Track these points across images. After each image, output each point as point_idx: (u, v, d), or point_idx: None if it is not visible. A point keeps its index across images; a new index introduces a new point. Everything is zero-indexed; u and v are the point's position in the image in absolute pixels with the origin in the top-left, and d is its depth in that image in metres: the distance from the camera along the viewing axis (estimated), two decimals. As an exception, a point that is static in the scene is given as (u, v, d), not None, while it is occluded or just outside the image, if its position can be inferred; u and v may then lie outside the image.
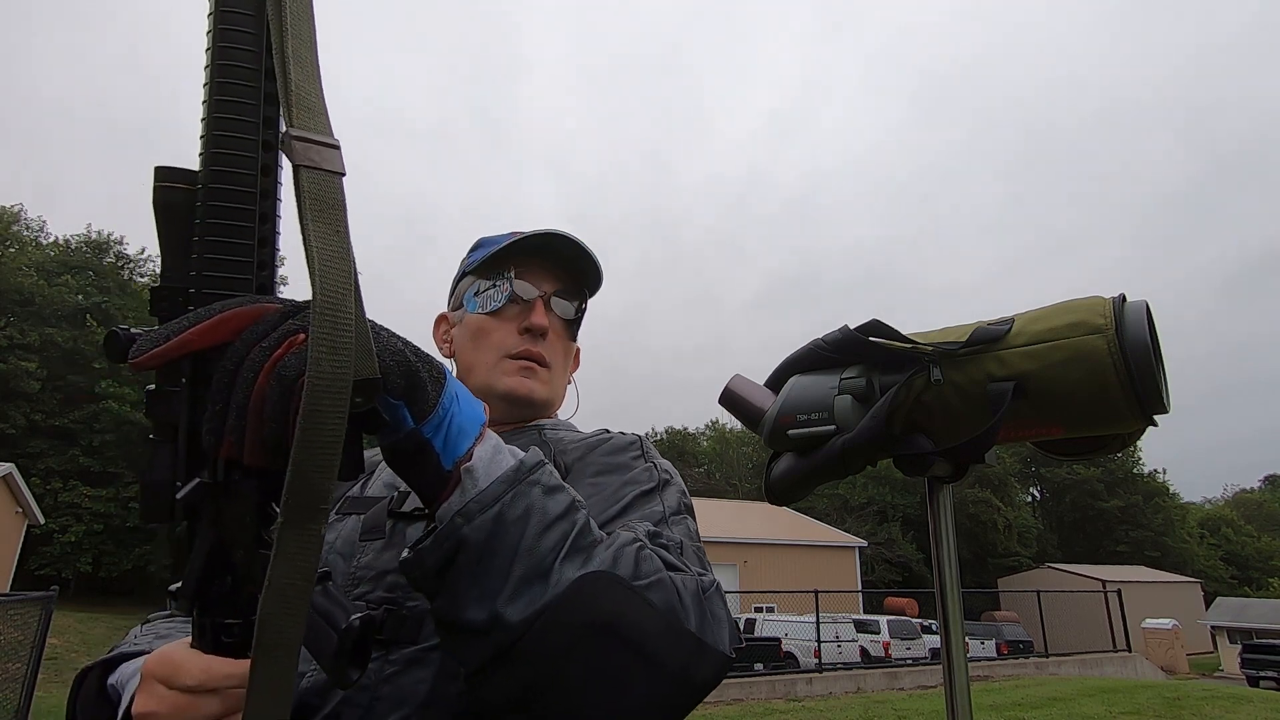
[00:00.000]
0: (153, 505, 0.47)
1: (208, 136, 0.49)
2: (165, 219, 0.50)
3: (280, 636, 0.41)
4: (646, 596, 0.56)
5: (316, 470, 0.41)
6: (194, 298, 0.49)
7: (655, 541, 0.66)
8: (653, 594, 0.56)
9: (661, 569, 0.59)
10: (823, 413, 0.82)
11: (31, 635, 6.95)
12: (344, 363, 0.41)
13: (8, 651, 6.82)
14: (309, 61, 0.46)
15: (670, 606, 0.57)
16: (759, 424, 0.88)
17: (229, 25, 0.49)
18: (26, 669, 6.88)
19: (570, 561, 0.53)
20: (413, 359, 0.49)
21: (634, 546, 0.59)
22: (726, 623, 0.62)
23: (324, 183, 0.44)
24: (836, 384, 0.83)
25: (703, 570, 0.66)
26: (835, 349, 0.85)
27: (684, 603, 0.58)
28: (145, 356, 0.44)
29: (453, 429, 0.52)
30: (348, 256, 0.43)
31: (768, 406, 0.87)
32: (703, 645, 0.58)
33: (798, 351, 0.89)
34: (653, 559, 0.60)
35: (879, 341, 0.81)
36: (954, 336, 0.78)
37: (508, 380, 0.93)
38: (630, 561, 0.57)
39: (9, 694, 6.80)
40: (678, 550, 0.68)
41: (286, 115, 0.44)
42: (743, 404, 0.90)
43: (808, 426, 0.83)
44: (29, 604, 7.21)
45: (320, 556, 0.43)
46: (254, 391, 0.43)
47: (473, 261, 0.99)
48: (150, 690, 0.51)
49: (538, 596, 0.51)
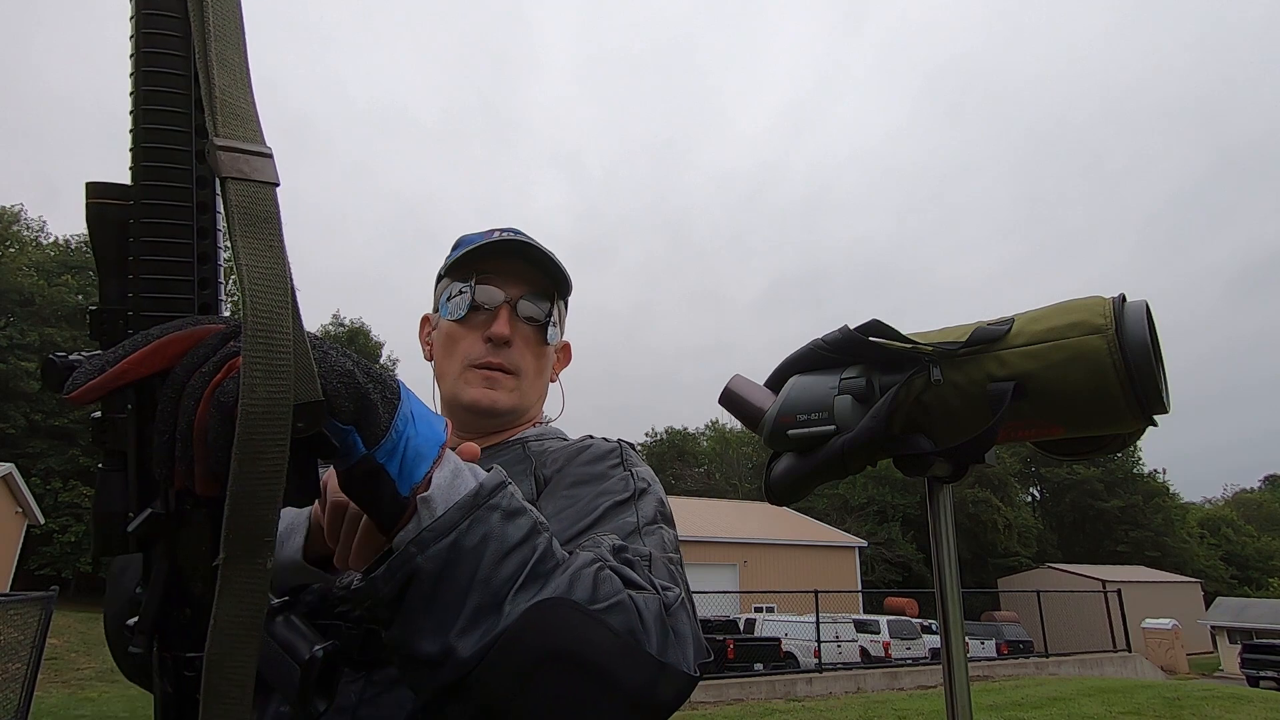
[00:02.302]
0: (106, 537, 0.45)
1: (136, 149, 0.46)
2: (99, 237, 0.47)
3: (231, 678, 0.39)
4: (604, 620, 0.54)
5: (257, 502, 0.39)
6: (133, 320, 0.46)
7: (620, 556, 0.64)
8: (611, 617, 0.55)
9: (621, 590, 0.57)
10: (823, 413, 0.82)
11: (31, 635, 6.95)
12: (281, 386, 0.39)
13: (8, 651, 6.82)
14: (236, 64, 0.43)
15: (629, 629, 0.55)
16: (759, 424, 0.88)
17: (153, 29, 0.46)
18: (26, 669, 6.88)
19: (526, 589, 0.52)
20: (361, 379, 0.47)
21: (592, 569, 0.57)
22: (691, 639, 0.61)
23: (254, 194, 0.41)
24: (836, 384, 0.83)
25: (668, 585, 0.64)
26: (835, 349, 0.85)
27: (645, 623, 0.57)
28: (80, 391, 0.42)
29: (409, 453, 0.50)
30: (283, 272, 0.41)
31: (768, 406, 0.87)
32: (664, 667, 0.56)
33: (797, 351, 0.89)
34: (612, 580, 0.58)
35: (879, 341, 0.81)
36: (954, 336, 0.78)
37: (470, 391, 0.91)
38: (588, 584, 0.55)
39: (9, 694, 6.80)
40: (645, 565, 0.66)
41: (211, 123, 0.42)
42: (743, 404, 0.90)
43: (808, 426, 0.83)
44: (29, 604, 7.21)
45: (268, 590, 0.41)
46: (195, 421, 0.41)
47: (448, 262, 0.97)
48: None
49: (491, 628, 0.50)
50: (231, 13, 0.44)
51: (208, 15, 0.43)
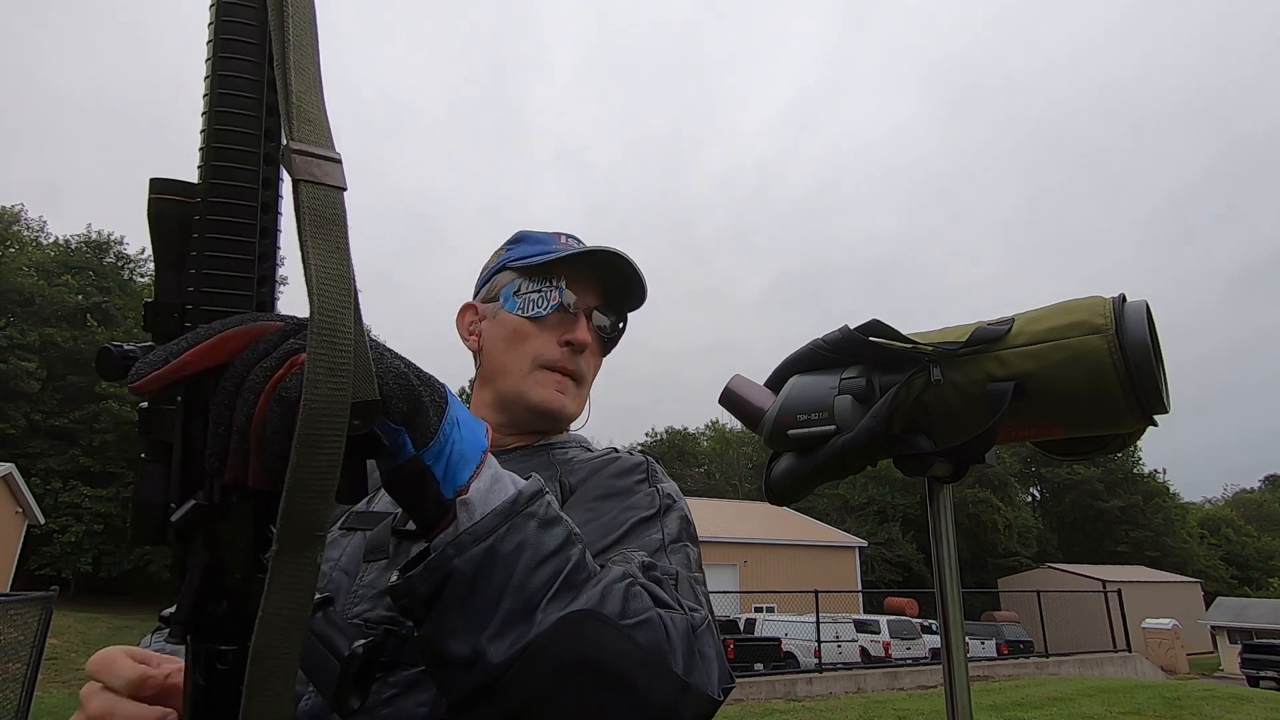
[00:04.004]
0: (144, 526, 0.46)
1: (208, 148, 0.48)
2: (160, 232, 0.48)
3: (275, 669, 0.40)
4: (633, 636, 0.55)
5: (312, 496, 0.39)
6: (190, 314, 0.47)
7: (649, 574, 0.65)
8: (639, 633, 0.55)
9: (650, 607, 0.58)
10: (823, 413, 0.82)
11: (31, 635, 6.96)
12: (341, 384, 0.40)
13: (8, 651, 6.83)
14: (311, 72, 0.45)
15: (656, 646, 0.56)
16: (759, 424, 0.88)
17: (231, 35, 0.48)
18: (26, 669, 6.89)
19: (559, 599, 0.53)
20: (414, 381, 0.48)
21: (623, 584, 0.58)
22: (716, 662, 0.61)
23: (325, 197, 0.43)
24: (836, 384, 0.83)
25: (695, 606, 0.65)
26: (835, 349, 0.85)
27: (671, 642, 0.57)
28: (144, 380, 0.43)
29: (454, 456, 0.51)
30: (348, 274, 0.42)
31: (768, 406, 0.87)
32: (688, 687, 0.57)
33: (797, 351, 0.89)
34: (642, 596, 0.59)
35: (879, 341, 0.81)
36: (954, 336, 0.78)
37: (541, 392, 0.91)
38: (619, 599, 0.56)
39: (9, 694, 6.81)
40: (672, 583, 0.67)
41: (287, 128, 0.43)
42: (743, 404, 0.90)
43: (808, 426, 0.83)
44: (29, 604, 7.21)
45: (316, 584, 0.41)
46: (254, 414, 0.42)
47: (516, 258, 0.96)
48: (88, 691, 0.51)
49: (522, 635, 0.51)
50: (309, 23, 0.46)
51: (288, 25, 0.45)
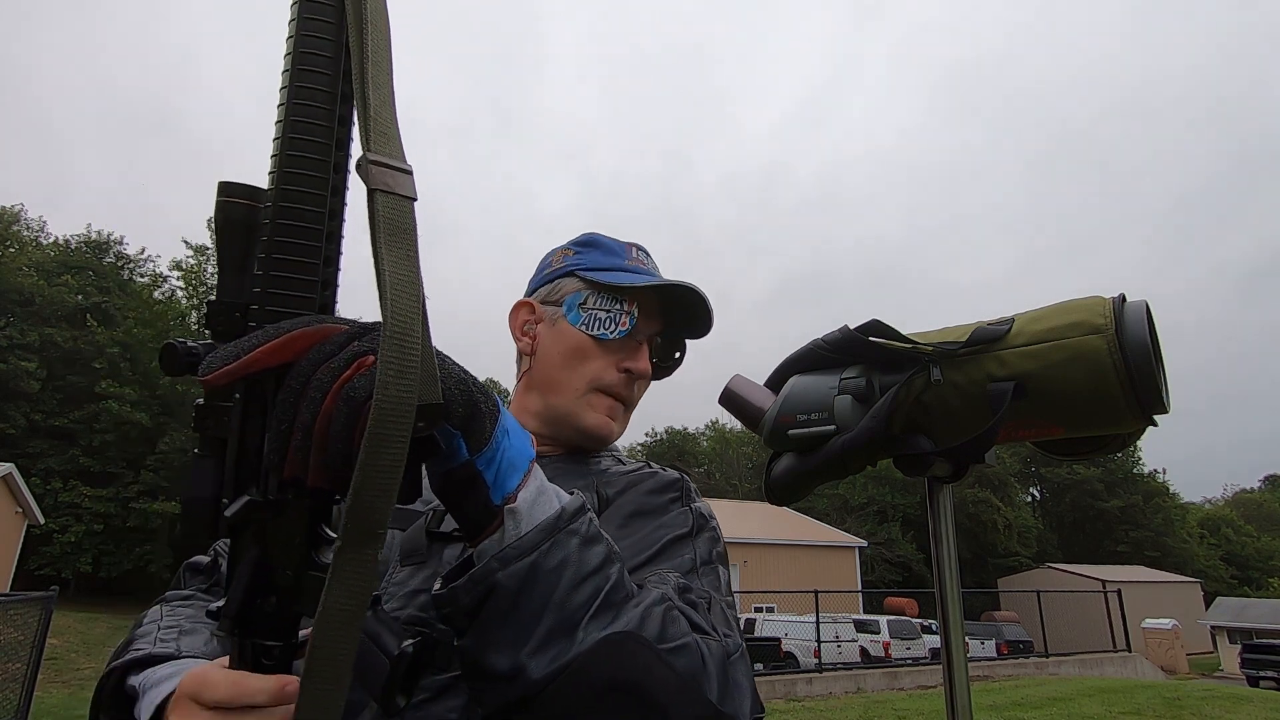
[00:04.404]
0: (195, 521, 0.47)
1: (281, 156, 0.49)
2: (226, 234, 0.50)
3: (332, 663, 0.41)
4: (670, 661, 0.56)
5: (377, 494, 0.41)
6: (253, 314, 0.49)
7: (685, 596, 0.66)
8: (677, 659, 0.56)
9: (688, 632, 0.59)
10: (823, 413, 0.82)
11: (31, 635, 6.96)
12: (410, 386, 0.41)
13: (8, 651, 6.83)
14: (386, 88, 0.47)
15: (693, 673, 0.57)
16: (759, 424, 0.88)
17: (308, 49, 0.50)
18: (26, 669, 6.89)
19: (599, 619, 0.54)
20: (474, 389, 0.50)
21: (662, 607, 0.59)
22: (748, 690, 0.62)
23: (398, 207, 0.45)
24: (836, 384, 0.83)
25: (729, 632, 0.66)
26: (835, 349, 0.85)
27: (707, 669, 0.58)
28: (217, 374, 0.44)
29: (503, 464, 0.52)
30: (417, 282, 0.44)
31: (768, 406, 0.87)
32: (720, 715, 0.58)
33: (797, 351, 0.89)
34: (680, 621, 0.60)
35: (879, 341, 0.81)
36: (954, 336, 0.78)
37: (595, 417, 0.90)
38: (658, 623, 0.57)
39: (9, 694, 6.81)
40: (705, 607, 0.68)
41: (364, 140, 0.45)
42: (743, 404, 0.90)
43: (808, 426, 0.83)
44: (29, 604, 7.21)
45: (375, 582, 0.42)
46: (320, 412, 0.44)
47: (587, 267, 0.94)
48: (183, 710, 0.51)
49: (563, 652, 0.52)
50: (385, 40, 0.49)
51: (367, 44, 0.47)
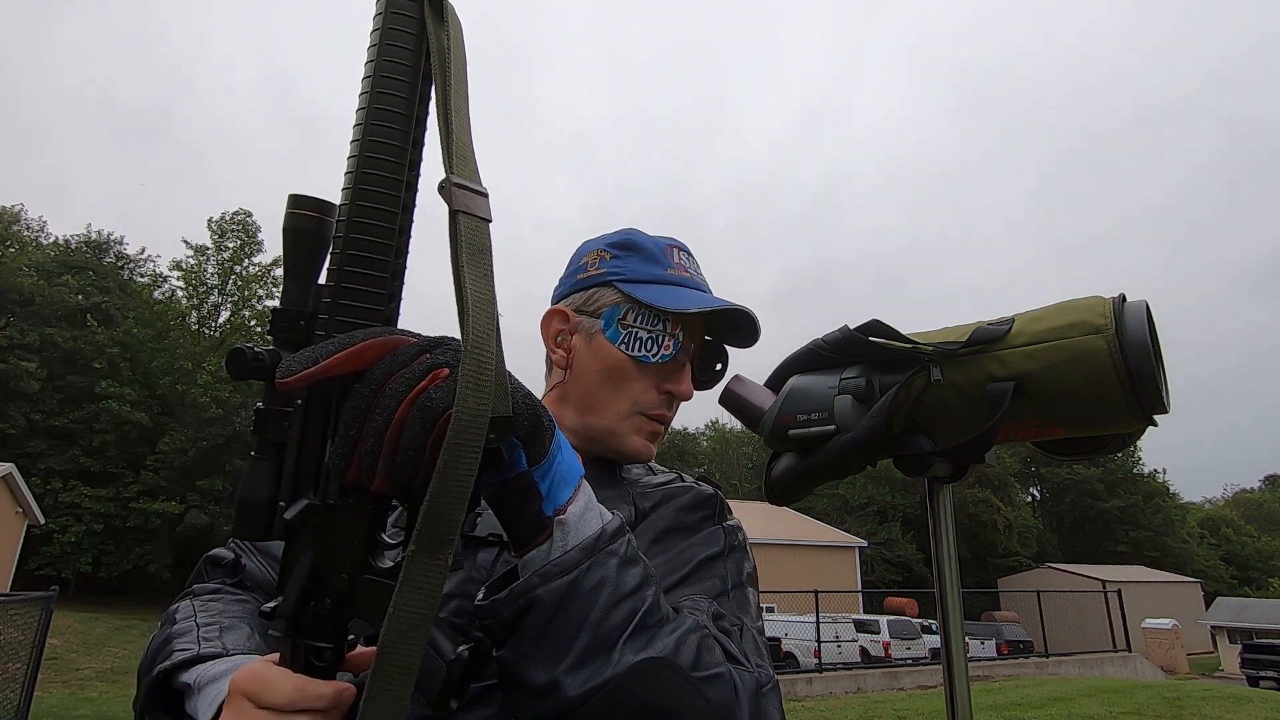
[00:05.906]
0: (249, 522, 0.48)
1: (357, 173, 0.51)
2: (294, 245, 0.52)
3: (400, 664, 0.41)
4: (704, 689, 0.56)
5: (451, 501, 0.42)
6: (320, 323, 0.50)
7: (719, 623, 0.67)
8: (710, 689, 0.57)
9: (722, 662, 0.60)
10: (823, 413, 0.82)
11: (31, 635, 6.96)
12: (486, 399, 0.43)
13: (8, 651, 6.83)
14: (465, 114, 0.50)
15: (725, 704, 0.57)
16: (759, 424, 0.88)
17: (388, 74, 0.52)
18: (26, 669, 6.89)
19: (634, 640, 0.54)
20: (537, 404, 0.52)
21: (697, 634, 0.59)
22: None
23: (477, 228, 0.47)
24: (836, 384, 0.83)
25: (760, 663, 0.66)
26: (835, 349, 0.85)
27: (739, 700, 0.59)
28: (294, 378, 0.46)
29: (557, 477, 0.54)
30: (494, 298, 0.46)
31: (768, 406, 0.87)
32: None
33: (797, 351, 0.89)
34: (714, 650, 0.60)
35: (879, 341, 0.81)
36: (954, 336, 0.78)
37: (635, 440, 0.88)
38: (692, 650, 0.57)
39: (9, 694, 6.81)
40: (738, 635, 0.68)
41: (447, 163, 0.48)
42: (743, 404, 0.90)
43: (808, 426, 0.83)
44: (29, 604, 7.22)
45: (444, 586, 0.43)
46: (393, 420, 0.45)
47: (627, 277, 0.89)
48: (238, 707, 0.50)
49: (598, 672, 0.52)
50: (463, 69, 0.52)
51: (449, 72, 0.50)
